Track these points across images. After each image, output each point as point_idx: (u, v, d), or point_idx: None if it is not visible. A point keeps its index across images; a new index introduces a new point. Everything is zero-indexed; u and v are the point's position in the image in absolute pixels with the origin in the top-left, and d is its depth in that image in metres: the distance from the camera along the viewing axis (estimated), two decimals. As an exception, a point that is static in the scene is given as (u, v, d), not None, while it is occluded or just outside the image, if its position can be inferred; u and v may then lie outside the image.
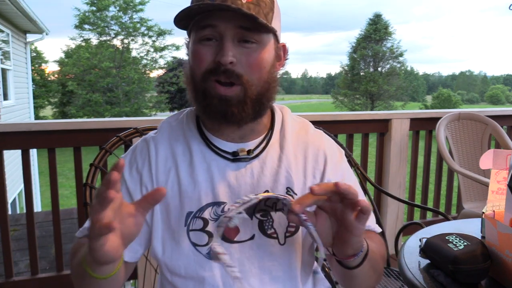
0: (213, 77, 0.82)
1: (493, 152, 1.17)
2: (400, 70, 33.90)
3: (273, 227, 0.88)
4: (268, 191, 0.88)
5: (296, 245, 0.90)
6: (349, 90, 33.37)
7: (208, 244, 0.86)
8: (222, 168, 0.88)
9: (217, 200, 0.87)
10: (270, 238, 0.88)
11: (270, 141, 0.92)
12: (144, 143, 0.93)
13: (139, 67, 24.09)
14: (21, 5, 7.97)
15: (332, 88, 53.61)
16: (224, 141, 0.90)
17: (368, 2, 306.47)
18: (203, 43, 0.82)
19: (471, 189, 2.58)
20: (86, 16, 23.20)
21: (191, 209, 0.86)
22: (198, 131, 0.91)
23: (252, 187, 0.88)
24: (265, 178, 0.89)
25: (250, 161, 0.89)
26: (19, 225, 3.73)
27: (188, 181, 0.87)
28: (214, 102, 0.83)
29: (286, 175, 0.90)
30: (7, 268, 2.12)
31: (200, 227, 0.86)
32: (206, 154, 0.89)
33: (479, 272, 0.91)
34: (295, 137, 0.94)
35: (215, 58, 0.81)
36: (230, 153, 0.89)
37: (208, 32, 0.81)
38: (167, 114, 12.73)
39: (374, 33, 32.46)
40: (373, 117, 2.81)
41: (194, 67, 0.85)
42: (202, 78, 0.83)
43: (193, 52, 0.84)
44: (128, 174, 0.90)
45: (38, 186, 9.89)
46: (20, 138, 2.08)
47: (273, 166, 0.90)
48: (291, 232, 0.89)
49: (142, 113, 23.60)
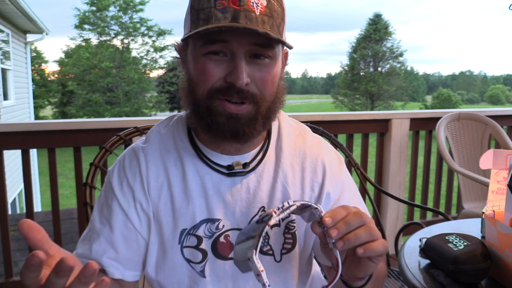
0: (222, 96, 0.76)
1: (493, 152, 1.17)
2: (400, 70, 33.89)
3: (269, 244, 0.85)
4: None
5: (292, 262, 0.87)
6: (349, 90, 33.37)
7: (202, 262, 0.83)
8: (216, 183, 0.84)
9: (212, 217, 0.83)
10: (265, 255, 0.85)
11: (267, 153, 0.88)
12: (133, 154, 0.86)
13: (139, 67, 24.09)
14: (21, 5, 7.96)
15: (332, 88, 53.65)
16: (219, 154, 0.85)
17: (368, 2, 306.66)
18: (210, 57, 0.75)
19: (471, 189, 2.58)
20: (86, 16, 23.21)
21: (185, 226, 0.83)
22: (190, 142, 0.86)
23: (248, 203, 0.84)
24: (262, 193, 0.85)
25: (246, 175, 0.85)
26: (19, 225, 3.73)
27: (181, 197, 0.83)
28: (221, 120, 0.77)
29: (282, 189, 0.86)
30: (7, 268, 2.13)
31: (194, 245, 0.83)
32: (199, 168, 0.84)
33: (479, 272, 0.91)
34: (292, 146, 0.90)
35: (225, 77, 0.75)
36: (225, 167, 0.84)
37: (218, 47, 0.75)
38: (167, 114, 12.73)
39: (374, 33, 32.46)
40: (373, 117, 2.81)
41: (197, 81, 0.78)
42: (208, 95, 0.77)
43: (197, 66, 0.77)
44: (119, 190, 0.84)
45: (38, 186, 9.89)
46: (20, 138, 2.08)
47: (269, 180, 0.86)
48: (288, 249, 0.86)
49: (142, 113, 23.59)
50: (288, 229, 0.86)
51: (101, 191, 0.89)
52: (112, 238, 0.83)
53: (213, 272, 0.83)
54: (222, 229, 0.83)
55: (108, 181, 0.87)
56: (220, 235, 0.83)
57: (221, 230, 0.83)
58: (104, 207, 0.85)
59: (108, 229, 0.83)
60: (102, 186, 0.91)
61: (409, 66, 72.29)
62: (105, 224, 0.83)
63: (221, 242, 0.83)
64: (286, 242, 0.86)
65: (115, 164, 0.89)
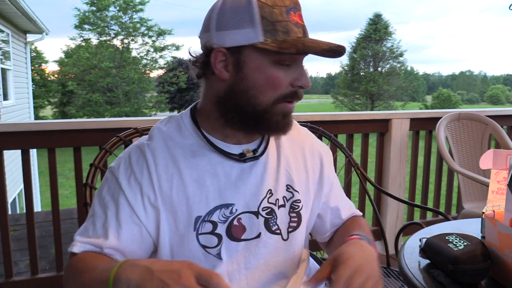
0: (288, 100, 0.85)
1: (493, 152, 1.17)
2: (400, 70, 33.89)
3: (277, 224, 0.92)
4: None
5: (298, 240, 0.95)
6: (349, 90, 33.36)
7: (217, 245, 0.87)
8: (228, 170, 0.89)
9: (225, 202, 0.88)
10: (274, 234, 0.91)
11: (269, 141, 0.96)
12: (139, 151, 0.89)
13: (139, 67, 24.07)
14: (21, 5, 7.96)
15: (332, 88, 53.67)
16: (228, 144, 0.91)
17: (368, 2, 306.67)
18: (279, 66, 0.83)
19: (471, 189, 2.58)
20: (86, 16, 23.18)
21: (200, 213, 0.86)
22: (198, 135, 0.90)
23: (257, 186, 0.90)
24: (268, 177, 0.92)
25: (254, 160, 0.91)
26: (19, 225, 3.73)
27: (194, 185, 0.87)
28: (277, 119, 0.86)
29: (286, 173, 0.95)
30: (7, 268, 2.12)
31: (209, 230, 0.87)
32: (212, 158, 0.89)
33: (479, 272, 0.91)
34: (288, 136, 0.96)
35: (292, 82, 0.84)
36: (237, 155, 0.90)
37: (297, 57, 0.84)
38: (167, 114, 12.73)
39: (374, 33, 32.45)
40: (373, 117, 2.81)
41: (263, 89, 0.83)
42: (275, 101, 0.84)
43: (266, 75, 0.82)
44: (126, 185, 0.86)
45: (38, 186, 9.89)
46: (20, 138, 2.08)
47: (273, 165, 0.94)
48: (293, 227, 0.94)
49: (142, 113, 23.58)
50: (293, 208, 0.94)
51: (102, 187, 0.90)
52: (119, 231, 0.84)
53: (228, 253, 0.88)
54: (235, 213, 0.89)
55: (112, 177, 0.89)
56: (233, 219, 0.88)
57: (235, 214, 0.89)
58: (109, 202, 0.87)
59: (114, 222, 0.84)
60: (102, 181, 0.92)
61: (409, 66, 72.29)
62: (112, 218, 0.85)
63: (235, 225, 0.88)
64: (291, 220, 0.94)
65: (119, 160, 0.91)
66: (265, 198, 0.91)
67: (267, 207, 0.90)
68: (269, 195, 0.91)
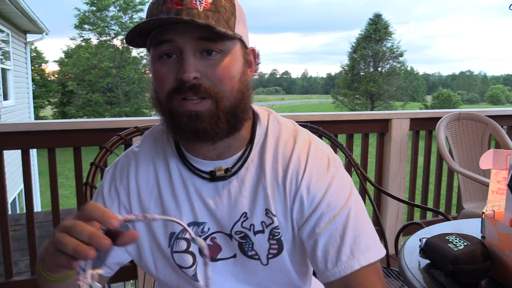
0: (178, 96, 0.74)
1: (493, 152, 1.17)
2: (400, 70, 33.91)
3: (254, 249, 0.84)
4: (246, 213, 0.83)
5: (281, 264, 0.85)
6: (349, 90, 33.38)
7: (192, 265, 0.84)
8: (199, 188, 0.84)
9: (197, 220, 0.84)
10: (251, 259, 0.85)
11: (249, 157, 0.84)
12: (126, 158, 0.89)
13: (139, 67, 24.07)
14: (21, 5, 7.96)
15: (332, 88, 53.62)
16: (201, 160, 0.83)
17: (368, 2, 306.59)
18: (162, 61, 0.75)
19: (471, 189, 2.58)
20: (86, 16, 23.22)
21: (174, 230, 0.84)
22: (176, 148, 0.86)
23: (230, 209, 0.83)
24: (243, 199, 0.83)
25: (228, 179, 0.83)
26: (19, 225, 3.73)
27: (170, 200, 0.84)
28: (183, 121, 0.75)
29: (265, 194, 0.82)
30: (7, 268, 2.12)
31: (183, 249, 0.84)
32: (183, 173, 0.84)
33: (479, 272, 0.91)
34: (278, 149, 0.85)
35: (177, 75, 0.74)
36: (207, 173, 0.83)
37: (166, 47, 0.74)
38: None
39: (374, 33, 32.47)
40: (373, 117, 2.81)
41: (157, 88, 0.78)
42: (167, 98, 0.76)
43: (153, 72, 0.77)
44: (107, 191, 0.87)
45: (38, 186, 9.89)
46: (20, 138, 2.08)
47: (251, 185, 0.83)
48: (274, 254, 0.85)
49: (142, 113, 23.58)
50: (272, 235, 0.84)
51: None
52: None
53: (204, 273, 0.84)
54: (208, 232, 0.85)
55: (102, 180, 0.91)
56: (206, 238, 0.85)
57: (207, 233, 0.85)
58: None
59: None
60: None
61: (409, 66, 72.32)
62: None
63: (209, 244, 0.85)
64: (271, 247, 0.84)
65: (112, 164, 0.92)
66: (239, 221, 0.83)
67: (240, 232, 0.83)
68: (243, 219, 0.83)
